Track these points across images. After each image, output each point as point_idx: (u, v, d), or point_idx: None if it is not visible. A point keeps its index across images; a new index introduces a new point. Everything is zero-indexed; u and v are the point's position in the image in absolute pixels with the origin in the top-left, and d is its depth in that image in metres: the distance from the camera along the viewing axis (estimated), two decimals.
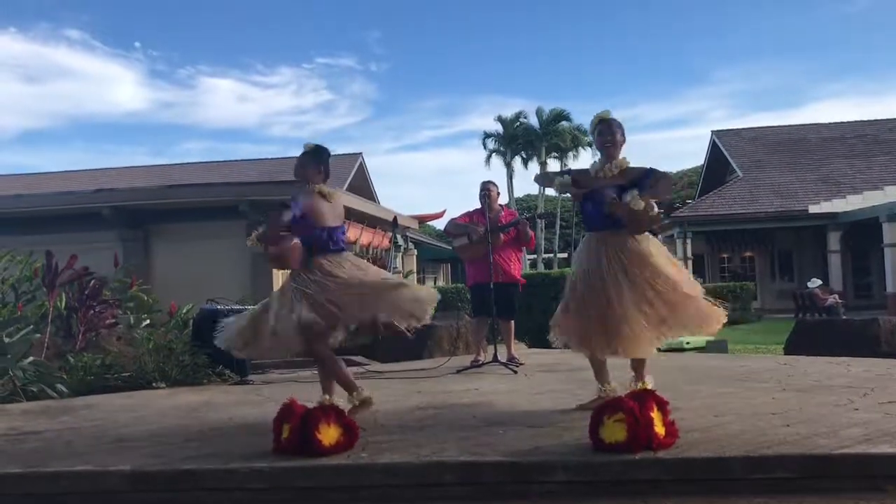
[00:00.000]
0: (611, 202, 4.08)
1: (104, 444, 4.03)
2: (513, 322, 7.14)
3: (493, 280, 6.69)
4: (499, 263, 6.88)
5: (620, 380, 4.30)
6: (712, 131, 31.74)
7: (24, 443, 4.19)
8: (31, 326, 6.94)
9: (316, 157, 4.35)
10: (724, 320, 4.19)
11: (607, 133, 4.25)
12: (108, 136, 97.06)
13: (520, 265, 7.38)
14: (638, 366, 4.25)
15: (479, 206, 7.12)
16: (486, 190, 7.06)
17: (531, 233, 7.13)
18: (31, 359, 6.36)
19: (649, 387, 3.97)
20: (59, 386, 6.18)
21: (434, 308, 4.24)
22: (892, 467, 3.13)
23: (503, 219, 7.08)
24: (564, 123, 42.18)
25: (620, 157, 4.25)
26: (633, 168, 4.22)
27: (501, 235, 6.95)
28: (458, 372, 6.64)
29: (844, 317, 15.69)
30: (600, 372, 4.42)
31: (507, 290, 6.92)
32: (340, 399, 3.99)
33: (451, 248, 7.92)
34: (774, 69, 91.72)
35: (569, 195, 4.49)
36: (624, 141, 4.28)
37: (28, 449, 4.01)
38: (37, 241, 9.00)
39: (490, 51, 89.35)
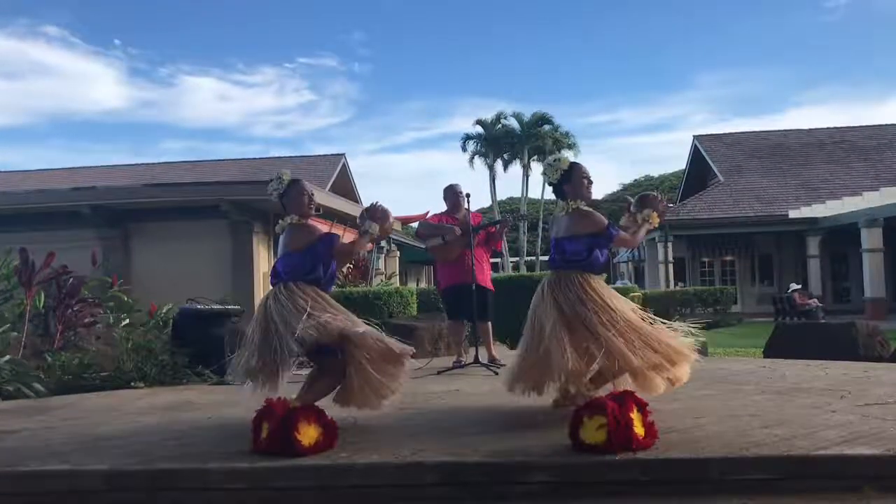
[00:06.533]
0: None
1: (81, 444, 3.99)
2: (490, 323, 7.13)
3: (474, 281, 6.70)
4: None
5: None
6: (694, 136, 31.95)
7: None
8: (9, 325, 6.88)
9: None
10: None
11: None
12: (86, 134, 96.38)
13: (489, 267, 7.37)
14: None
15: (445, 208, 7.22)
16: (459, 192, 7.12)
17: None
18: (7, 357, 6.30)
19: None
20: (37, 385, 6.12)
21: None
22: (868, 468, 3.16)
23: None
24: (546, 127, 42.19)
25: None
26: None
27: (474, 237, 6.97)
28: (440, 373, 6.62)
29: (823, 320, 15.85)
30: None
31: (480, 291, 6.90)
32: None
33: (424, 248, 7.90)
34: (756, 75, 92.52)
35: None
36: None
37: (3, 448, 3.96)
38: (15, 240, 8.89)
39: (471, 53, 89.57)
